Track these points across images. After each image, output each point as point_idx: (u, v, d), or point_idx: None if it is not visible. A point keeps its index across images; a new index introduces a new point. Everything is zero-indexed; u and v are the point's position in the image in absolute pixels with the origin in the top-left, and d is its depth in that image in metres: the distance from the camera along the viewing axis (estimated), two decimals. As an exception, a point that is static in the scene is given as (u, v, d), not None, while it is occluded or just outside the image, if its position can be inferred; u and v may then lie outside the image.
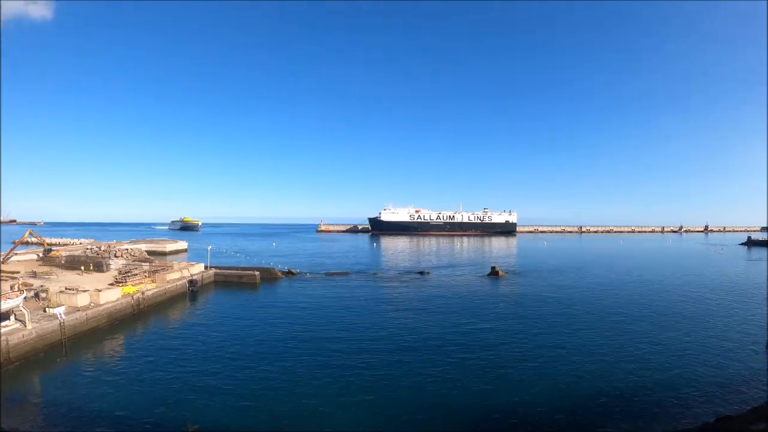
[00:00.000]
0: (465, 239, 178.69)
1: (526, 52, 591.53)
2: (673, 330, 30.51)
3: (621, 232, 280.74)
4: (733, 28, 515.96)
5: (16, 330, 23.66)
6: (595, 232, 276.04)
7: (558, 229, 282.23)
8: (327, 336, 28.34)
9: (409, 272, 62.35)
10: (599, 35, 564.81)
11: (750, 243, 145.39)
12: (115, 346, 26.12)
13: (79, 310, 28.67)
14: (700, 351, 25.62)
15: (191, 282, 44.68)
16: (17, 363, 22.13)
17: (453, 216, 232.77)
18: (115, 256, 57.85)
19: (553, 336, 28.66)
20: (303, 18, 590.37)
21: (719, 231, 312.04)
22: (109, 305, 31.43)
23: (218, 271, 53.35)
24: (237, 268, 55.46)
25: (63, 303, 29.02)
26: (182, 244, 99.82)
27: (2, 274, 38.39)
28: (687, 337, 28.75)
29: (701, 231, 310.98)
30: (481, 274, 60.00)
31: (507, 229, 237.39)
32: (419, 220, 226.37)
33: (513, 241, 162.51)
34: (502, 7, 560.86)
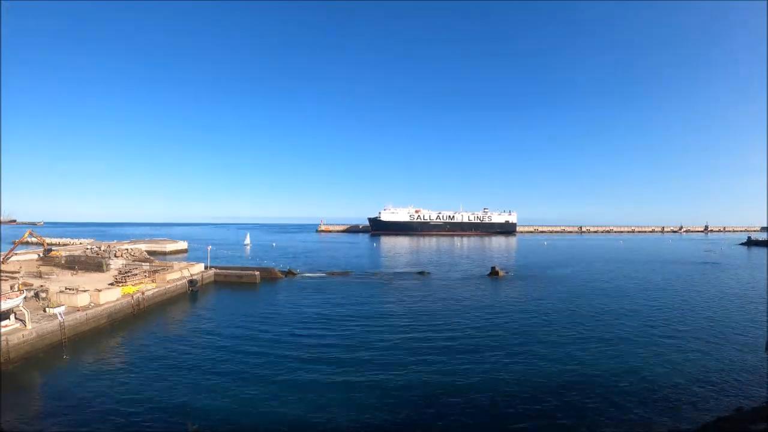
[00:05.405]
0: (465, 239, 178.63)
1: (527, 53, 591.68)
2: (673, 330, 30.55)
3: (621, 232, 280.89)
4: (734, 29, 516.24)
5: (16, 330, 23.69)
6: (595, 232, 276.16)
7: (558, 229, 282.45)
8: (327, 336, 28.33)
9: (409, 272, 62.33)
10: (598, 36, 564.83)
11: (750, 243, 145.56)
12: (114, 346, 26.11)
13: (79, 310, 28.69)
14: (699, 351, 25.63)
15: (191, 282, 44.67)
16: (17, 363, 22.16)
17: (453, 216, 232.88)
18: (115, 256, 57.81)
19: (552, 336, 28.67)
20: (304, 18, 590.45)
21: (719, 231, 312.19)
22: (109, 305, 31.43)
23: (218, 271, 53.37)
24: (237, 268, 55.47)
25: (63, 303, 29.03)
26: (182, 244, 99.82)
27: (2, 274, 38.40)
28: (686, 337, 28.76)
29: (701, 231, 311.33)
30: (481, 274, 60.02)
31: (507, 229, 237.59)
32: (419, 220, 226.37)
33: (513, 241, 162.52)
34: (504, 8, 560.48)
